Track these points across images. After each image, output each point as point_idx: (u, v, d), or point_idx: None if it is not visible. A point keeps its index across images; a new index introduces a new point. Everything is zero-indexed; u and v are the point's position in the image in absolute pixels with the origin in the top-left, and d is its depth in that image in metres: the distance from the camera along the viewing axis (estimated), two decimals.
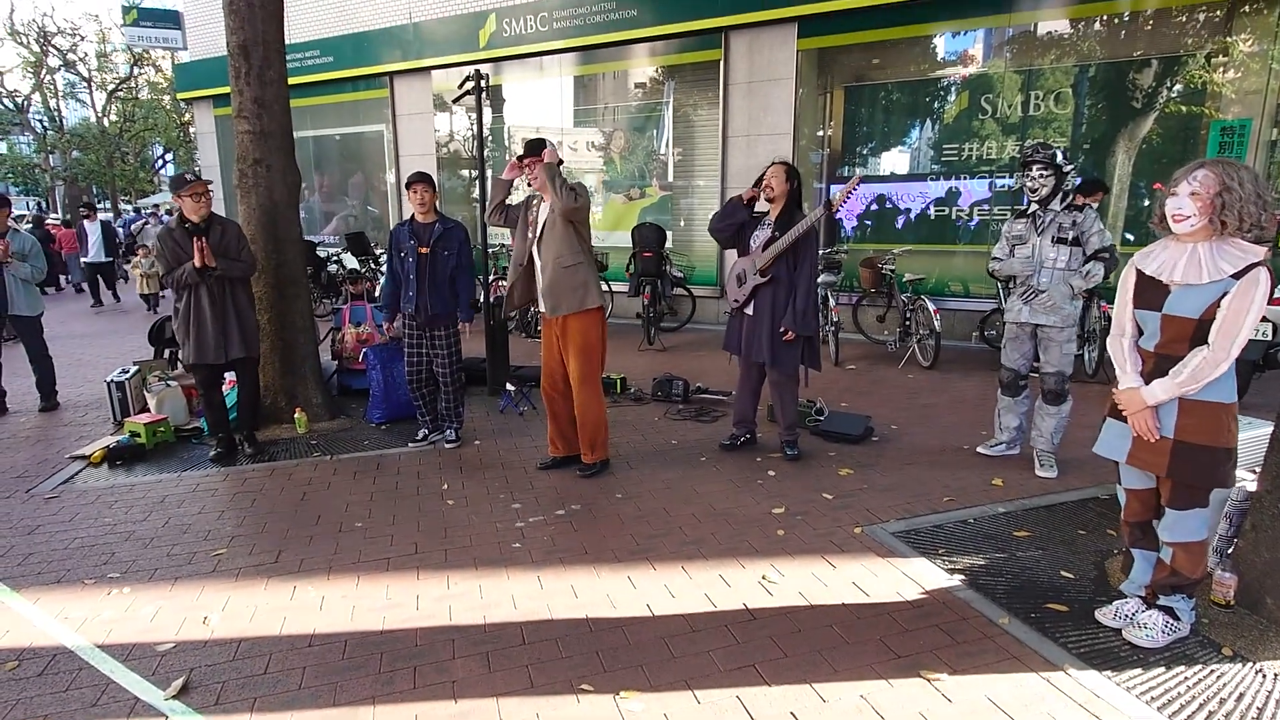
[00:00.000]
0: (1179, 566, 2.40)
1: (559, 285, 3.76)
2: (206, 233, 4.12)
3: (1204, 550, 2.38)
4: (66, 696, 2.29)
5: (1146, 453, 2.36)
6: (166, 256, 4.13)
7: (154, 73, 28.64)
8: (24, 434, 5.01)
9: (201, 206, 4.11)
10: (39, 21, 26.45)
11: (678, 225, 9.00)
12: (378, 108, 11.13)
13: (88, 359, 7.51)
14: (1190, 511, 2.34)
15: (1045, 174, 3.75)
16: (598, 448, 4.01)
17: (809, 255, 3.97)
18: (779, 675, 2.33)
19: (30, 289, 5.46)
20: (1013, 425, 4.17)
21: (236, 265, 4.22)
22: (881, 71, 7.72)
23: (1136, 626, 2.46)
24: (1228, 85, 6.30)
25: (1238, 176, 2.14)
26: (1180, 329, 2.25)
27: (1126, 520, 2.58)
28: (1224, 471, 2.27)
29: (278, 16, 4.83)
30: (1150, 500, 2.49)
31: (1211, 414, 2.24)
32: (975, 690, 2.24)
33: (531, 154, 3.82)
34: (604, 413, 3.99)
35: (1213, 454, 2.25)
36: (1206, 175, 2.16)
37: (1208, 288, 2.19)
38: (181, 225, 4.14)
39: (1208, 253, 2.20)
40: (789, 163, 4.08)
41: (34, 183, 29.49)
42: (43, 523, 3.57)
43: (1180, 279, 2.24)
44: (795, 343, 4.03)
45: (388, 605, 2.78)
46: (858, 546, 3.18)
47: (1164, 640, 2.42)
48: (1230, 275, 2.16)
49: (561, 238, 3.77)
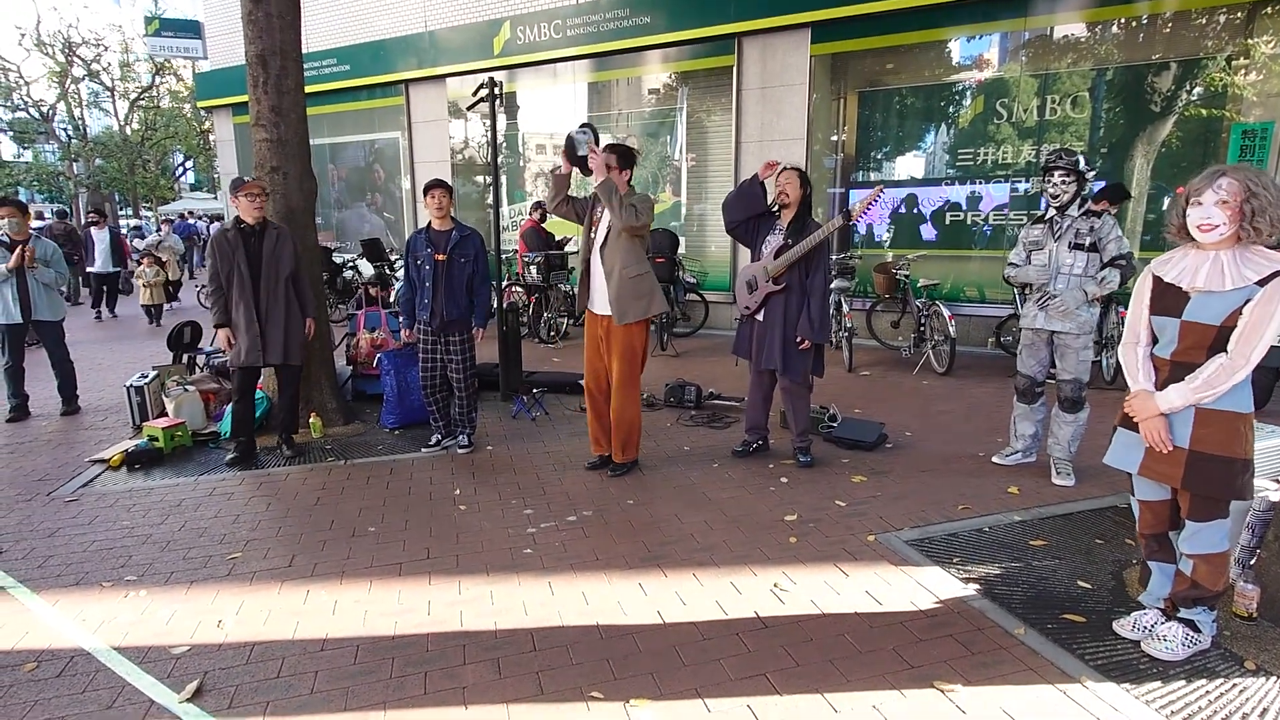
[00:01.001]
0: (1200, 578, 2.36)
1: (625, 294, 3.76)
2: (262, 236, 4.24)
3: (1225, 562, 2.34)
4: (84, 698, 2.31)
5: (1161, 464, 2.32)
6: (215, 257, 4.22)
7: (175, 82, 29.14)
8: (45, 437, 5.09)
9: (255, 208, 4.21)
10: (64, 33, 26.95)
11: (690, 231, 9.01)
12: (393, 115, 11.25)
13: (107, 364, 7.63)
14: (1212, 523, 2.29)
15: (1068, 180, 3.71)
16: (629, 448, 4.08)
17: (822, 262, 3.96)
18: (790, 684, 2.31)
19: (52, 294, 5.55)
20: (1028, 433, 4.12)
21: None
22: (896, 76, 7.69)
23: (1156, 639, 2.42)
24: (1249, 88, 6.21)
25: (1261, 181, 2.11)
26: (1200, 336, 2.21)
27: (1142, 533, 2.54)
28: (1242, 482, 2.23)
29: (295, 27, 4.89)
30: (1164, 512, 2.45)
31: (1228, 424, 2.20)
32: (990, 702, 2.21)
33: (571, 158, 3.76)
34: (639, 415, 4.05)
35: (1229, 465, 2.21)
36: (1231, 183, 2.13)
37: (1231, 294, 2.15)
38: (236, 227, 4.24)
39: (1231, 259, 2.17)
40: (801, 169, 4.07)
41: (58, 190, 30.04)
42: (63, 525, 3.62)
43: (1203, 285, 2.20)
44: (808, 350, 4.02)
45: (400, 610, 2.79)
46: (871, 554, 3.15)
47: (1184, 653, 2.38)
48: (1255, 282, 2.12)
49: (626, 247, 3.78)
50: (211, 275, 4.27)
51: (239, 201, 4.21)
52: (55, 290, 5.59)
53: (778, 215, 4.09)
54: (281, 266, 4.31)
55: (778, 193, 4.00)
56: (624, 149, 3.82)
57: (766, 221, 4.10)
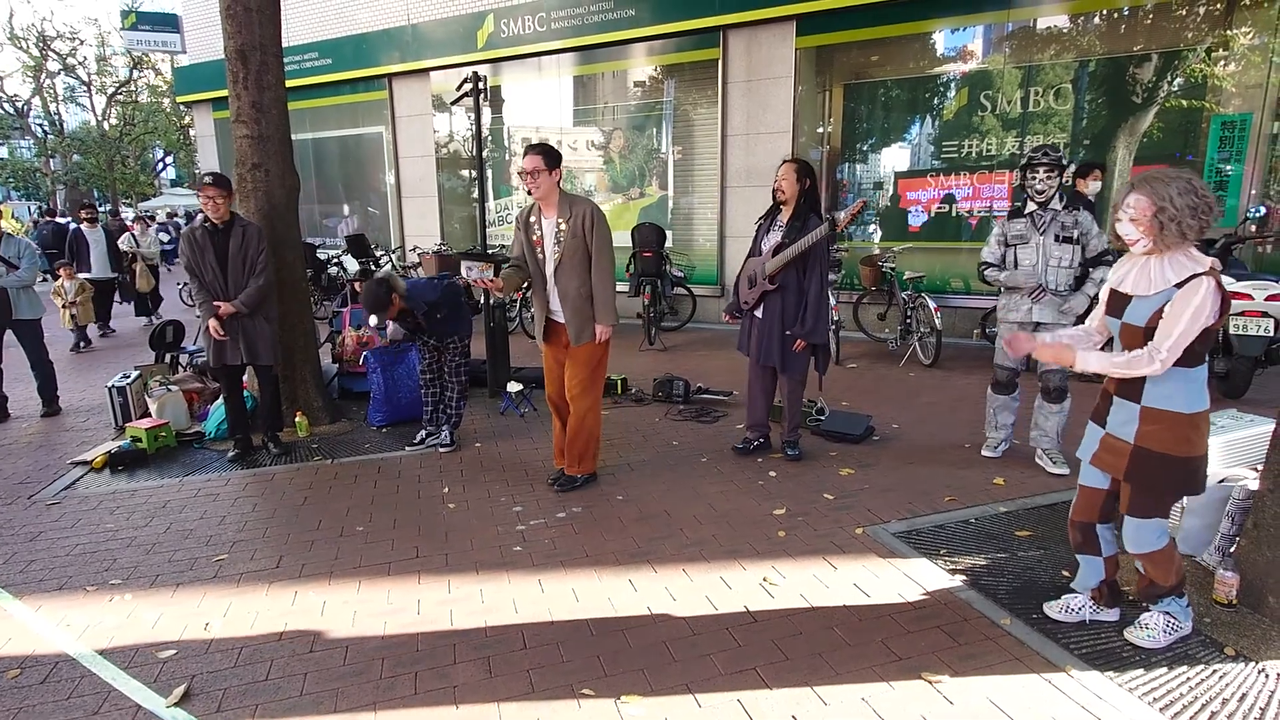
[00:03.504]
0: (1154, 577, 2.42)
1: (582, 314, 3.63)
2: (228, 234, 4.24)
3: (1170, 556, 2.39)
4: (69, 704, 2.29)
5: (1109, 455, 2.39)
6: (186, 255, 4.23)
7: (154, 76, 28.69)
8: (26, 440, 5.02)
9: (213, 209, 4.18)
10: (38, 26, 26.46)
11: (678, 225, 8.99)
12: (377, 109, 11.14)
13: (88, 364, 7.53)
14: (1149, 521, 2.35)
15: (1052, 176, 3.73)
16: (586, 460, 3.87)
17: (819, 263, 3.90)
18: (780, 678, 2.32)
19: (30, 292, 5.47)
20: (1009, 422, 4.17)
21: (252, 296, 4.27)
22: (881, 68, 7.70)
23: (1139, 628, 2.46)
24: (1228, 79, 6.28)
25: (1167, 193, 2.16)
26: (1132, 337, 2.30)
27: (1072, 519, 2.59)
28: (1187, 478, 2.28)
29: (275, 21, 4.82)
30: (1096, 500, 2.50)
31: (1174, 422, 2.25)
32: (977, 692, 2.24)
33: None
34: (599, 425, 3.87)
35: (1171, 462, 2.26)
36: (1139, 199, 2.21)
37: (1154, 298, 2.24)
38: (204, 226, 4.24)
39: (1159, 265, 2.25)
40: (801, 160, 3.97)
41: (35, 187, 29.54)
42: (45, 529, 3.57)
43: (1132, 289, 2.31)
44: (805, 350, 4.01)
45: (389, 610, 2.78)
46: (859, 547, 3.17)
47: (1166, 640, 2.42)
48: (1174, 285, 2.20)
49: (583, 266, 3.61)
50: (187, 271, 4.29)
51: (204, 200, 4.19)
52: (33, 289, 5.50)
53: (779, 211, 4.02)
54: (249, 265, 4.27)
55: (775, 187, 3.96)
56: (547, 148, 3.54)
57: (769, 217, 4.07)
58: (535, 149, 3.51)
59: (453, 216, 10.87)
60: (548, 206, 3.62)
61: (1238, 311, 4.85)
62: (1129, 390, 2.34)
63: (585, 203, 3.63)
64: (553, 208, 3.61)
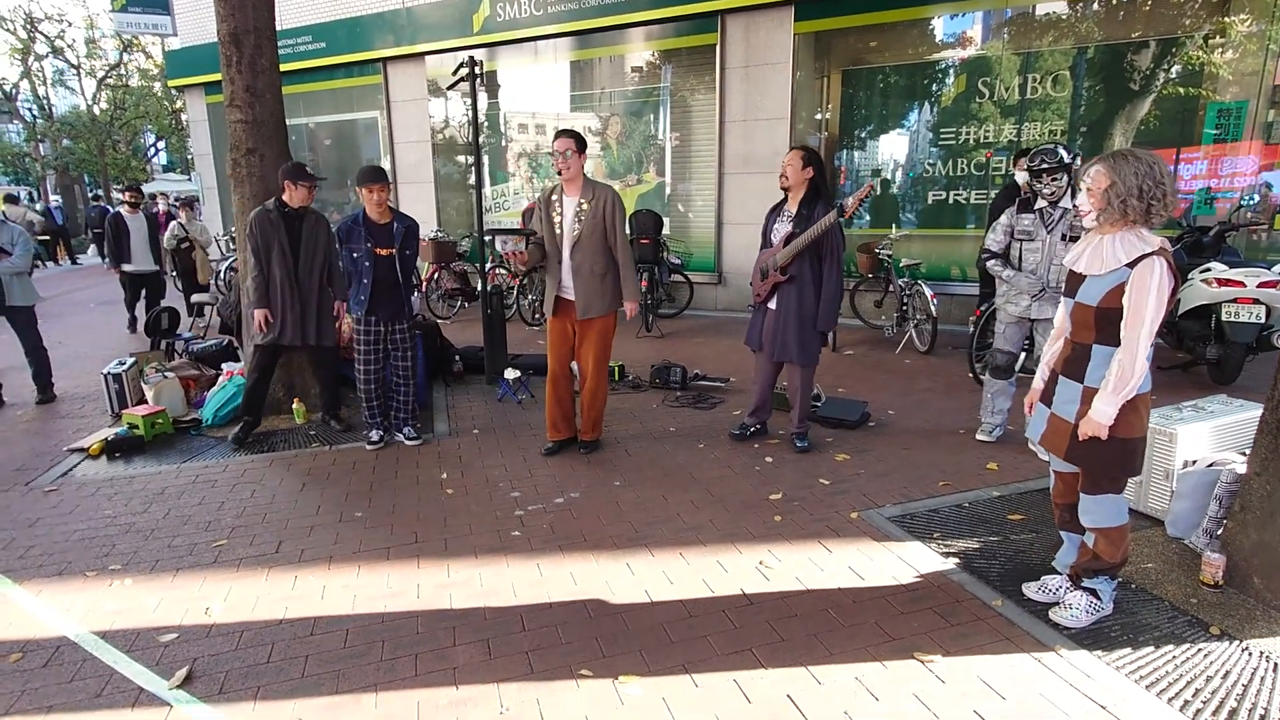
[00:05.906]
0: (1100, 551, 2.45)
1: (593, 292, 3.90)
2: (301, 220, 4.39)
3: (1123, 535, 2.42)
4: (71, 687, 2.31)
5: (1054, 434, 2.44)
6: (257, 237, 4.29)
7: (144, 59, 28.30)
8: (21, 427, 5.02)
9: (310, 199, 4.36)
10: (25, 7, 26.06)
11: (675, 211, 8.98)
12: (371, 94, 11.04)
13: (84, 351, 7.50)
14: (1104, 497, 2.38)
15: (1058, 178, 3.74)
16: (598, 426, 4.26)
17: (833, 251, 3.86)
18: (775, 658, 2.36)
19: (24, 279, 5.44)
20: (1005, 408, 4.21)
21: (341, 286, 4.54)
22: (879, 55, 7.66)
23: (1063, 607, 2.51)
24: (1225, 66, 6.27)
25: (1122, 170, 2.17)
26: (1083, 315, 2.31)
27: (1055, 501, 2.63)
28: (1126, 460, 2.30)
29: (269, 3, 4.77)
30: (1074, 482, 2.53)
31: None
32: (968, 671, 2.28)
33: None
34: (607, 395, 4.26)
35: (1110, 444, 2.28)
36: (1098, 171, 2.22)
37: (1107, 276, 2.25)
38: (280, 209, 4.34)
39: (1111, 243, 2.26)
40: (807, 147, 3.95)
41: (24, 172, 29.23)
42: (43, 515, 3.58)
43: (1085, 268, 2.31)
44: (817, 337, 4.01)
45: (389, 594, 2.80)
46: (854, 531, 3.21)
47: (1087, 620, 2.47)
48: (1125, 264, 2.20)
49: (600, 247, 3.88)
50: (255, 253, 4.31)
51: (298, 190, 4.30)
52: (27, 276, 5.47)
53: (785, 200, 4.00)
54: (319, 249, 4.46)
55: (779, 175, 3.94)
56: (577, 133, 3.80)
57: (777, 208, 4.05)
58: (567, 132, 3.79)
59: (449, 203, 10.82)
60: (571, 187, 3.87)
61: (1230, 299, 4.89)
62: (1073, 370, 2.36)
63: (607, 189, 3.90)
64: (576, 189, 3.86)
